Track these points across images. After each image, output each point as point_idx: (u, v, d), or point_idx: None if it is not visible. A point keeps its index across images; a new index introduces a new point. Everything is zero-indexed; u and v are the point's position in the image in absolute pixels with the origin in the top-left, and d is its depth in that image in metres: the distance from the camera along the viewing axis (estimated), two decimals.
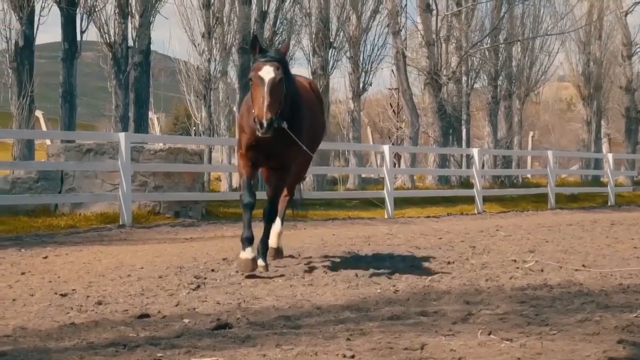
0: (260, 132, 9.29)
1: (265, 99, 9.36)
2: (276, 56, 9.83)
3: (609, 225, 19.69)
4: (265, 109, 9.30)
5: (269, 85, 9.45)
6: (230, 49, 31.40)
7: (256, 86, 9.48)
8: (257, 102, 9.43)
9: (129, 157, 18.45)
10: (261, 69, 9.56)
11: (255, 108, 9.42)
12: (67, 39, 26.31)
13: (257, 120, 9.28)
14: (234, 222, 19.74)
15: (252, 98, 9.65)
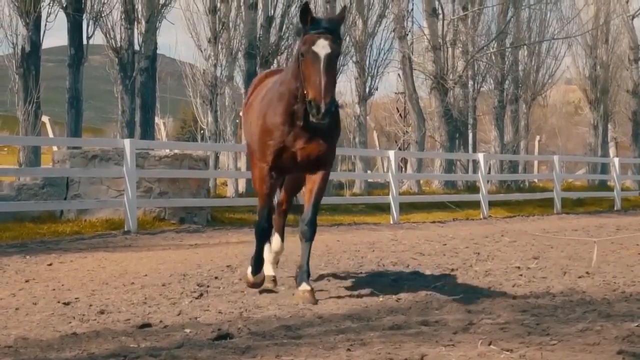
0: (317, 118, 8.12)
1: (323, 79, 8.16)
2: (331, 27, 8.55)
3: (614, 230, 19.67)
4: (323, 90, 8.11)
5: (326, 61, 8.27)
6: (237, 54, 31.40)
7: (309, 63, 8.27)
8: (311, 82, 8.21)
9: (134, 163, 18.49)
10: (315, 42, 8.35)
11: (310, 89, 8.19)
12: (74, 44, 26.39)
13: (314, 104, 8.07)
14: (239, 228, 19.80)
15: (304, 77, 8.33)
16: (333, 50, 8.37)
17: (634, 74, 48.79)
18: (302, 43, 8.49)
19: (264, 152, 9.09)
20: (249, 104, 10.15)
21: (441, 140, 36.10)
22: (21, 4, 24.85)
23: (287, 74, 8.93)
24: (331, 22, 8.65)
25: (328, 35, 8.41)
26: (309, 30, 8.45)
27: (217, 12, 31.30)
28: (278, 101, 8.94)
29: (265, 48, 30.97)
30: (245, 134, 10.76)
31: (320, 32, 8.40)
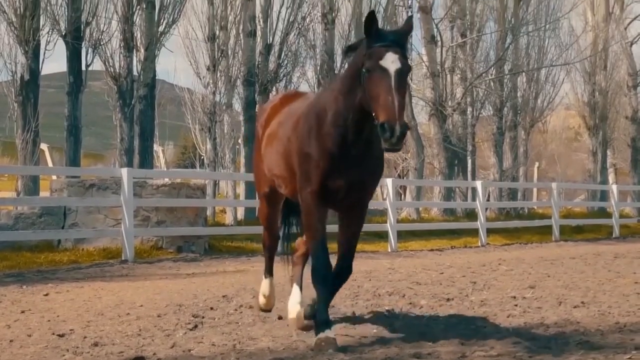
0: (390, 143, 7.09)
1: (396, 97, 7.16)
2: (399, 40, 7.60)
3: (612, 258, 19.65)
4: (397, 110, 7.11)
5: (397, 78, 7.26)
6: (235, 81, 31.54)
7: (377, 80, 7.27)
8: (381, 101, 7.21)
9: (132, 192, 18.52)
10: (383, 56, 7.37)
11: (381, 110, 7.16)
12: (73, 72, 26.46)
13: (388, 126, 7.02)
14: (236, 257, 19.81)
15: (370, 96, 7.31)
16: (404, 65, 7.39)
17: (633, 100, 48.90)
18: (366, 57, 7.45)
19: (309, 177, 8.06)
20: (270, 131, 9.20)
21: (440, 166, 36.12)
22: (20, 32, 24.92)
23: (331, 95, 8.03)
24: (398, 34, 7.73)
25: (397, 49, 7.46)
26: (373, 43, 7.50)
27: (216, 40, 31.48)
28: (320, 125, 8.00)
29: (264, 75, 31.09)
30: (259, 164, 9.53)
31: (388, 45, 7.46)
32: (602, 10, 46.95)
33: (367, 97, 7.36)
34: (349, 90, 7.71)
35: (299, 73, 33.44)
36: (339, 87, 7.94)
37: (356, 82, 7.59)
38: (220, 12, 31.24)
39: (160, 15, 28.54)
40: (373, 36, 7.50)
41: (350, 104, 7.71)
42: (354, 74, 7.64)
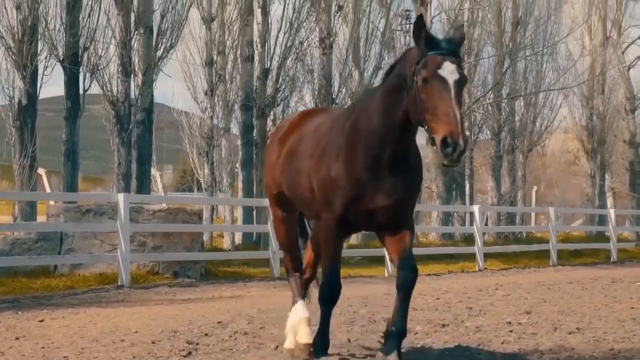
0: (450, 160, 6.65)
1: (456, 111, 6.71)
2: (455, 49, 7.12)
3: (609, 283, 19.63)
4: (459, 125, 6.64)
5: (456, 90, 6.84)
6: (233, 105, 31.63)
7: (435, 91, 6.82)
8: (440, 114, 6.74)
9: (128, 218, 18.52)
10: (441, 66, 6.88)
11: (440, 123, 6.70)
12: (70, 97, 26.47)
13: (451, 142, 6.57)
14: (232, 282, 19.77)
15: (425, 108, 6.85)
16: (462, 76, 6.96)
17: (631, 124, 49.01)
18: (421, 66, 6.96)
19: (330, 201, 7.65)
20: (289, 148, 8.70)
21: (438, 191, 36.13)
22: (18, 57, 24.96)
23: (365, 113, 7.58)
24: (452, 42, 7.20)
25: (454, 58, 7.00)
26: (427, 50, 7.01)
27: (214, 65, 31.58)
28: (350, 145, 7.55)
29: (262, 100, 31.17)
30: (274, 182, 9.05)
31: (444, 53, 6.99)
32: (599, 34, 47.10)
33: (420, 109, 6.91)
34: (390, 106, 7.31)
35: (297, 98, 33.61)
36: (378, 104, 7.45)
37: (399, 95, 7.21)
38: (218, 37, 31.35)
39: (158, 40, 28.59)
40: (426, 43, 7.02)
41: (391, 121, 7.31)
42: (397, 87, 7.23)
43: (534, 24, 40.92)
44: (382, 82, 7.72)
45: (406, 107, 7.17)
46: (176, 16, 29.08)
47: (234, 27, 31.36)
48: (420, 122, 6.99)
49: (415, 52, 7.15)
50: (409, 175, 7.61)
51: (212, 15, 31.32)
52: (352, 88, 33.89)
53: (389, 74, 7.57)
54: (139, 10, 27.90)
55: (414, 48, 7.24)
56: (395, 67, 7.46)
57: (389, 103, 7.33)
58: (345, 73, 33.35)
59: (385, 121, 7.34)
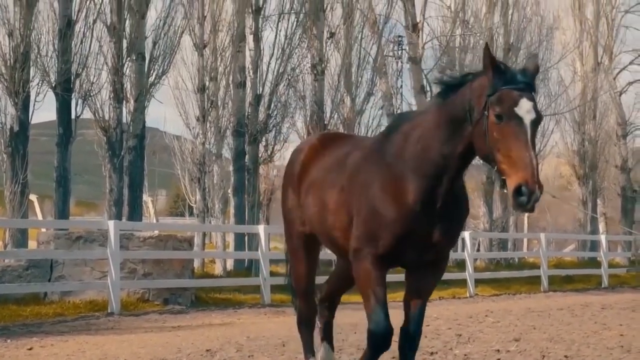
0: (525, 209, 6.17)
1: (533, 155, 6.16)
2: (530, 82, 6.49)
3: (599, 309, 19.67)
4: (535, 172, 6.11)
5: (533, 131, 6.30)
6: (225, 131, 31.64)
7: (511, 131, 6.25)
8: (515, 158, 6.19)
9: (118, 245, 18.54)
10: (518, 103, 6.29)
11: (515, 169, 6.15)
12: (62, 123, 26.47)
13: (527, 190, 6.05)
14: (223, 309, 19.77)
15: (497, 148, 6.29)
16: (539, 115, 6.38)
17: (622, 149, 49.10)
18: (495, 101, 6.36)
19: (375, 236, 6.94)
20: (312, 179, 7.99)
21: None
22: (10, 84, 24.98)
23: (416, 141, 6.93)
24: (527, 74, 6.52)
25: (530, 94, 6.40)
26: (499, 82, 6.39)
27: (206, 91, 31.59)
28: (397, 175, 6.91)
29: (254, 126, 31.22)
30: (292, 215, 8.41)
31: (521, 88, 6.37)
32: (590, 60, 47.23)
33: (490, 147, 6.34)
34: (451, 136, 6.70)
35: (289, 124, 33.60)
36: (435, 132, 6.81)
37: (462, 125, 6.63)
38: (210, 64, 31.38)
39: (150, 66, 28.69)
40: (498, 74, 6.41)
41: (450, 152, 6.71)
42: (460, 116, 6.64)
43: (526, 50, 40.99)
44: (433, 106, 7.06)
45: (469, 140, 6.61)
46: (168, 43, 29.22)
47: (226, 53, 31.40)
48: (489, 160, 6.45)
49: (485, 82, 6.51)
50: (458, 211, 7.12)
51: (205, 41, 31.36)
52: (343, 114, 33.91)
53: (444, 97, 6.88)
54: (131, 37, 28.00)
55: (481, 77, 6.59)
56: (454, 91, 6.78)
57: (449, 133, 6.71)
58: (337, 99, 33.39)
59: (444, 151, 6.73)
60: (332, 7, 33.47)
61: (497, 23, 39.86)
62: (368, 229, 6.96)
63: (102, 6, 27.43)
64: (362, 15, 34.13)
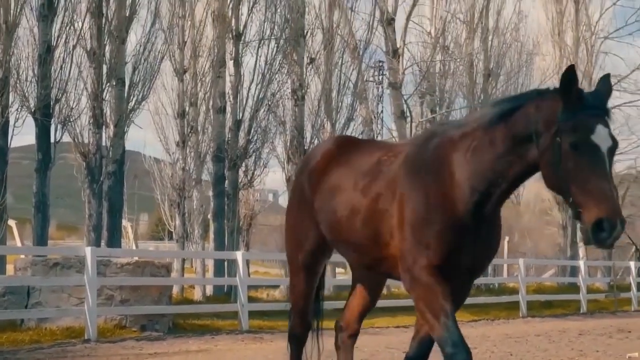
0: (604, 244, 5.82)
1: (612, 187, 5.81)
2: (604, 106, 6.16)
3: (576, 335, 19.74)
4: (616, 204, 5.78)
5: (610, 159, 5.96)
6: (205, 157, 31.68)
7: (588, 161, 5.88)
8: (591, 189, 5.82)
9: (95, 271, 18.49)
10: (594, 130, 5.93)
11: (593, 201, 5.77)
12: (41, 149, 26.45)
13: (608, 225, 5.71)
14: (200, 335, 19.69)
15: (572, 177, 5.90)
16: (615, 142, 6.03)
17: None
18: (569, 128, 5.97)
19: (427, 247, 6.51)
20: (332, 184, 7.68)
21: None
22: None
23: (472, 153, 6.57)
24: (600, 97, 6.20)
25: (606, 120, 6.06)
26: (577, 109, 6.00)
27: (186, 116, 31.66)
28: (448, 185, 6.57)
29: (234, 151, 31.27)
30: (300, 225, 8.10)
31: (596, 114, 6.04)
32: None
33: (564, 178, 5.97)
34: (507, 155, 6.38)
35: (269, 149, 33.70)
36: (491, 147, 6.47)
37: (525, 146, 6.28)
38: (191, 89, 31.47)
39: (130, 91, 28.72)
40: (574, 99, 6.01)
41: (504, 169, 6.43)
42: (524, 137, 6.28)
43: (505, 75, 41.27)
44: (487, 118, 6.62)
45: (530, 163, 6.32)
46: (148, 68, 29.30)
47: (206, 78, 31.49)
48: (560, 190, 6.12)
49: (557, 105, 6.12)
50: (496, 235, 6.87)
51: (185, 67, 31.46)
52: (324, 139, 34.01)
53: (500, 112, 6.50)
54: (111, 62, 28.06)
55: (551, 98, 6.23)
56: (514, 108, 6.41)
57: (506, 151, 6.40)
58: (317, 124, 33.49)
59: (498, 168, 6.44)
60: (312, 32, 33.66)
61: (477, 49, 40.06)
62: (418, 238, 6.55)
63: (82, 31, 27.46)
64: (342, 41, 34.26)
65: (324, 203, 7.67)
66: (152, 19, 29.78)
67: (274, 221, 60.31)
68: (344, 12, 34.20)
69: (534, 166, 6.33)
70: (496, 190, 6.50)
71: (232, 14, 31.74)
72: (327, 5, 33.64)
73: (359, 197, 7.23)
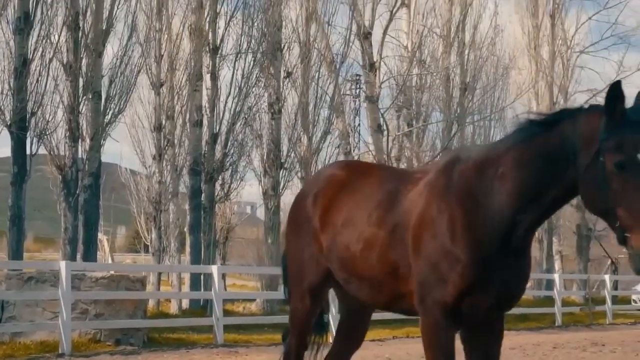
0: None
1: None
2: None
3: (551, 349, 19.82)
4: None
5: None
6: (181, 170, 31.71)
7: (635, 182, 5.47)
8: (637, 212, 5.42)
9: (69, 286, 18.44)
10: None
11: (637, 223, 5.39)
12: (17, 162, 26.37)
13: None
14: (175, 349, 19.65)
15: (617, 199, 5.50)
16: None
17: None
18: (613, 146, 5.57)
19: (441, 279, 6.18)
20: (345, 217, 7.17)
21: None
22: None
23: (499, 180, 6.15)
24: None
25: None
26: (618, 125, 5.61)
27: (163, 129, 31.68)
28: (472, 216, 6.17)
29: (210, 164, 31.30)
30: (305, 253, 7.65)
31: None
32: (546, 100, 47.80)
33: (608, 200, 5.57)
34: (540, 178, 5.97)
35: (245, 162, 33.78)
36: (520, 172, 6.05)
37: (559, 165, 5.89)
38: (167, 102, 31.53)
39: (106, 105, 28.68)
40: (618, 117, 5.62)
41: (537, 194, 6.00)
42: (555, 157, 5.91)
43: (482, 89, 41.42)
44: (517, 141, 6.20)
45: (568, 184, 5.91)
46: (125, 82, 29.24)
47: (183, 92, 31.58)
48: (603, 214, 5.70)
49: (596, 122, 5.75)
50: (526, 265, 6.43)
51: (161, 80, 31.52)
52: (300, 152, 34.08)
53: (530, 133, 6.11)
54: (88, 75, 28.02)
55: (592, 113, 5.89)
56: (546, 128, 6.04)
57: (539, 174, 5.99)
58: (294, 138, 33.60)
59: (531, 194, 6.01)
60: (289, 46, 33.81)
61: (453, 63, 40.21)
62: (434, 272, 6.20)
63: (58, 45, 27.44)
64: (319, 54, 34.40)
65: (335, 237, 7.22)
66: (129, 32, 29.78)
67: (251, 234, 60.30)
68: (320, 25, 34.33)
69: (572, 189, 5.92)
70: (527, 218, 6.06)
71: (209, 28, 31.83)
72: (304, 19, 33.80)
73: (375, 229, 6.81)
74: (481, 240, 6.06)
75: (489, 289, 6.13)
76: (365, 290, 7.07)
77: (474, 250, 6.05)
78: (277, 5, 32.59)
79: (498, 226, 6.05)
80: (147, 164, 32.45)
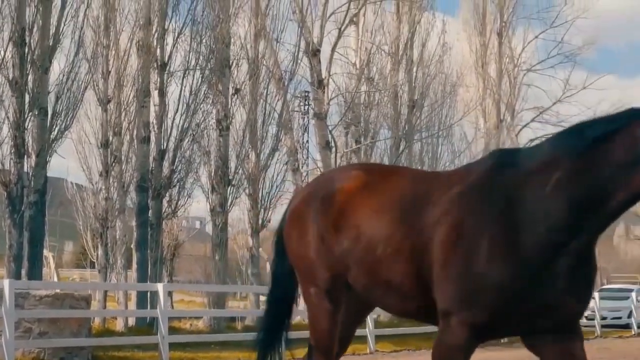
0: None
1: None
2: None
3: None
4: None
5: None
6: (128, 187, 31.56)
7: None
8: None
9: (13, 304, 18.26)
10: None
11: None
12: None
13: None
14: None
15: None
16: None
17: None
18: None
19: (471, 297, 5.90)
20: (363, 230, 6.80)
21: None
22: None
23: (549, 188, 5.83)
24: None
25: None
26: None
27: (110, 146, 31.51)
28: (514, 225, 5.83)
29: (157, 181, 31.16)
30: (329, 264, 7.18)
31: None
32: (493, 117, 48.09)
33: None
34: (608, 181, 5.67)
35: (193, 179, 33.64)
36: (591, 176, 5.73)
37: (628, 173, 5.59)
38: (114, 118, 31.37)
39: (53, 121, 28.42)
40: None
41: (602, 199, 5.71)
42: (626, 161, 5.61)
43: (430, 106, 41.64)
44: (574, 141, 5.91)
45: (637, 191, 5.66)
46: (71, 98, 29.00)
47: (130, 108, 31.44)
48: None
49: None
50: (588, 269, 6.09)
51: (109, 96, 31.36)
52: (248, 169, 34.05)
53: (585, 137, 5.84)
54: (34, 91, 27.77)
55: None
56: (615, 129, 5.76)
57: (608, 179, 5.71)
58: (242, 154, 33.59)
59: (595, 200, 5.74)
60: (237, 63, 33.83)
61: (401, 80, 40.48)
62: (465, 288, 5.90)
63: (4, 60, 27.22)
64: (267, 71, 34.45)
65: (355, 243, 6.86)
66: (76, 48, 29.51)
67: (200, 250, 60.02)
68: (269, 42, 34.40)
69: None
70: (591, 224, 5.80)
71: (157, 44, 31.72)
72: (253, 35, 33.86)
73: (404, 233, 6.47)
74: (523, 256, 5.76)
75: (529, 309, 5.83)
76: (391, 298, 6.82)
77: (513, 269, 5.75)
78: (225, 22, 32.58)
79: (547, 241, 5.76)
80: (93, 180, 32.21)
